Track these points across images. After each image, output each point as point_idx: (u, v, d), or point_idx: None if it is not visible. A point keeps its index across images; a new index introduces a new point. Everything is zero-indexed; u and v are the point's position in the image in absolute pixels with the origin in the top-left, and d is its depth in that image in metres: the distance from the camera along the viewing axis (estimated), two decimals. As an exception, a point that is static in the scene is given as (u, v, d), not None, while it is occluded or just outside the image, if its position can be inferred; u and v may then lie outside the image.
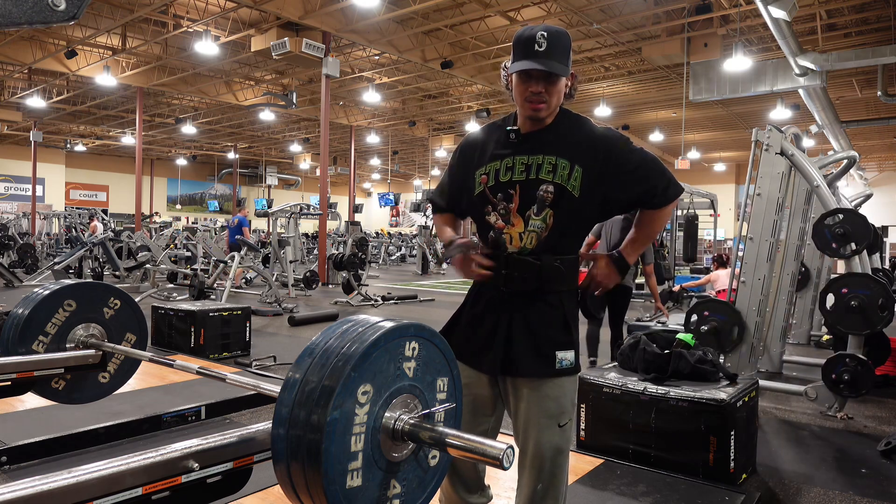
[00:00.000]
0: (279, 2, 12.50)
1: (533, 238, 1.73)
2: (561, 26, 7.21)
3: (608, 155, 1.72)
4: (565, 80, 1.73)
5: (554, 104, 1.73)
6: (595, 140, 1.74)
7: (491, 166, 1.77)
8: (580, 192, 1.70)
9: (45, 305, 2.22)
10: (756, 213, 4.48)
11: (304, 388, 1.20)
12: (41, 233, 21.86)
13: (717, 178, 29.39)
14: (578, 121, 1.80)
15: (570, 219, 1.73)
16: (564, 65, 1.69)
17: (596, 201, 1.74)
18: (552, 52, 1.66)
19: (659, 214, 1.81)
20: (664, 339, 3.58)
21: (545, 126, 1.76)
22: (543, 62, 1.65)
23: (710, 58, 13.74)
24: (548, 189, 1.71)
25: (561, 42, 1.69)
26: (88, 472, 1.16)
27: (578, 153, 1.71)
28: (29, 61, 16.10)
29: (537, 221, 1.73)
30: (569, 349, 1.75)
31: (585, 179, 1.70)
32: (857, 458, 3.49)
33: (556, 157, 1.71)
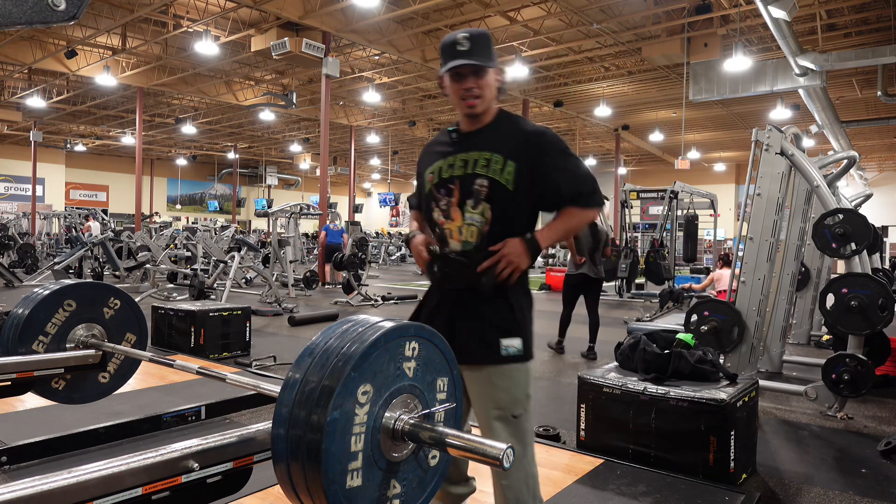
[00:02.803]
0: (279, 2, 12.50)
1: (473, 232, 1.80)
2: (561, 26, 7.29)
3: (540, 152, 1.80)
4: (494, 74, 1.83)
5: (488, 98, 1.82)
6: (528, 136, 1.82)
7: (436, 165, 1.88)
8: (514, 185, 1.77)
9: (45, 305, 2.22)
10: (756, 213, 4.48)
11: (304, 388, 1.20)
12: (41, 233, 21.86)
13: (717, 178, 29.39)
14: (514, 120, 1.89)
15: (506, 212, 1.80)
16: (488, 59, 1.80)
17: (531, 196, 1.81)
18: (475, 50, 1.78)
19: (581, 213, 1.85)
20: (664, 339, 3.58)
21: (484, 125, 1.86)
22: (468, 58, 1.78)
23: (710, 58, 13.75)
24: (482, 183, 1.79)
25: (482, 41, 1.81)
26: (88, 472, 1.16)
27: (512, 149, 1.79)
28: (29, 61, 16.10)
29: (475, 215, 1.80)
30: (514, 336, 1.81)
31: (518, 174, 1.77)
32: (857, 458, 3.49)
33: (491, 153, 1.80)
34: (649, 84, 18.13)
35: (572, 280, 6.22)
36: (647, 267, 11.53)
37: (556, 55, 15.94)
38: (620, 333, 6.73)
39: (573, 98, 19.91)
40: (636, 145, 26.24)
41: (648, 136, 24.27)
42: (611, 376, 3.27)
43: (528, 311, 1.90)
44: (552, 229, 1.84)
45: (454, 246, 1.84)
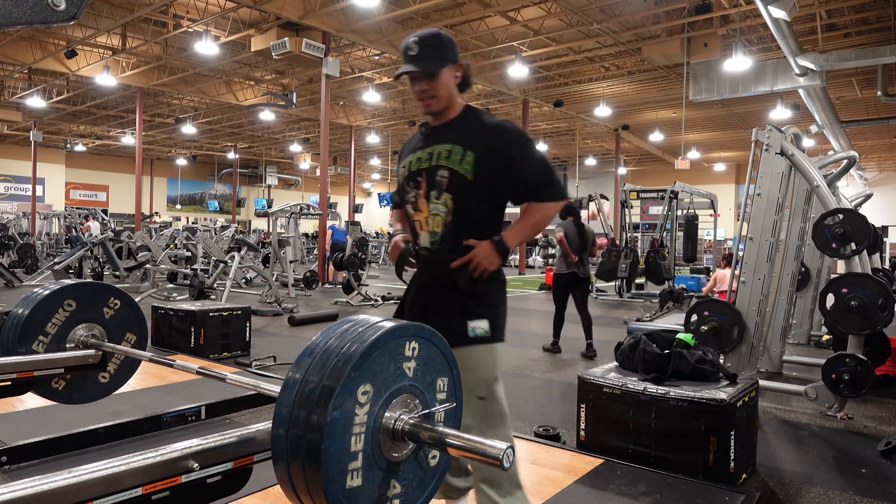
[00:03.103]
0: (279, 2, 12.50)
1: (439, 222, 1.88)
2: (561, 26, 7.28)
3: (498, 143, 1.85)
4: (450, 72, 1.89)
5: (443, 96, 1.90)
6: (487, 128, 1.88)
7: (407, 160, 1.97)
8: (473, 175, 1.83)
9: (45, 305, 2.21)
10: (756, 213, 4.48)
11: (304, 388, 1.20)
12: (41, 233, 21.86)
13: (717, 178, 29.39)
14: (478, 114, 1.95)
15: (468, 202, 1.85)
16: (438, 60, 1.87)
17: (492, 187, 1.86)
18: (423, 53, 1.86)
19: (543, 208, 1.89)
20: (664, 339, 3.58)
21: (449, 120, 1.94)
22: (415, 63, 1.86)
23: (710, 58, 13.75)
24: (443, 174, 1.86)
25: (432, 43, 1.87)
26: (88, 472, 1.16)
27: (471, 140, 1.86)
28: (29, 61, 16.10)
29: (439, 205, 1.87)
30: (481, 318, 1.85)
31: (478, 164, 1.83)
32: (857, 458, 3.49)
33: (453, 145, 1.87)
34: (649, 84, 18.13)
35: (563, 279, 6.30)
36: (647, 267, 11.53)
37: (556, 55, 15.94)
38: (620, 333, 6.73)
39: (573, 98, 19.90)
40: (636, 145, 26.23)
41: (648, 136, 24.27)
42: (611, 376, 3.27)
43: (499, 295, 1.93)
44: (517, 229, 1.88)
45: (423, 238, 1.92)
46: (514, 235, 1.87)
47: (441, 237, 1.88)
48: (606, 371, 3.39)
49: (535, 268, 22.29)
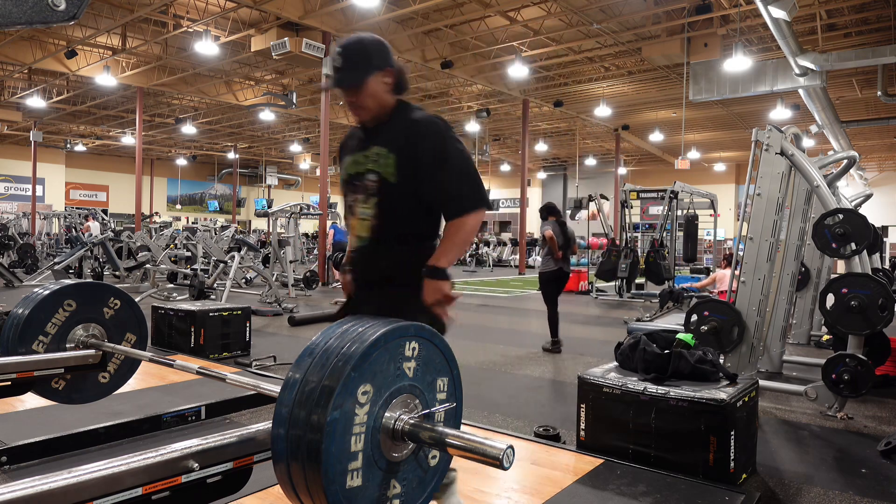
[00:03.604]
0: (279, 2, 12.50)
1: (366, 227, 1.84)
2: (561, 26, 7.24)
3: (419, 144, 1.78)
4: (377, 80, 1.82)
5: (373, 106, 1.84)
6: (410, 127, 1.80)
7: (345, 163, 1.93)
8: (396, 178, 1.78)
9: (45, 305, 2.22)
10: (756, 213, 4.48)
11: (304, 388, 1.20)
12: (41, 233, 21.85)
13: (717, 178, 29.38)
14: (408, 112, 1.87)
15: (391, 206, 1.80)
16: (361, 72, 1.80)
17: (417, 189, 1.79)
18: (346, 65, 1.82)
19: (465, 223, 1.77)
20: (664, 339, 3.57)
21: (381, 122, 1.88)
22: (336, 79, 1.83)
23: (710, 58, 13.75)
24: (371, 178, 1.82)
25: (356, 53, 1.82)
26: (88, 472, 1.16)
27: (395, 141, 1.80)
28: (29, 61, 16.09)
29: (366, 209, 1.83)
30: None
31: (399, 166, 1.77)
32: (857, 458, 3.49)
33: (380, 147, 1.82)
34: (649, 84, 18.13)
35: (552, 276, 6.45)
36: (647, 267, 11.53)
37: (556, 55, 15.94)
38: (620, 333, 6.73)
39: (573, 98, 19.90)
40: (636, 145, 26.23)
41: (648, 136, 24.26)
42: (611, 376, 3.27)
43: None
44: (444, 249, 1.78)
45: (355, 241, 1.90)
46: (442, 256, 1.77)
47: (368, 240, 1.84)
48: (606, 371, 3.39)
49: (535, 268, 22.30)
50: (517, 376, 5.37)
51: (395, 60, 1.89)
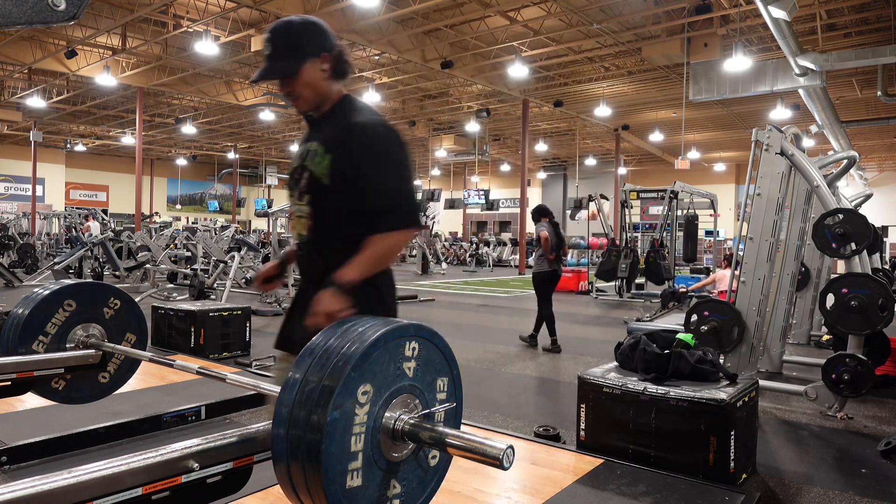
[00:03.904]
0: (279, 2, 12.50)
1: (303, 224, 1.76)
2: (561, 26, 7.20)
3: (355, 148, 1.66)
4: (313, 66, 1.69)
5: (311, 96, 1.72)
6: (348, 129, 1.69)
7: (294, 156, 1.84)
8: (329, 179, 1.68)
9: (45, 305, 2.21)
10: (756, 213, 4.48)
11: (304, 388, 1.20)
12: (41, 233, 21.85)
13: (717, 178, 29.38)
14: (352, 111, 1.73)
15: (323, 207, 1.71)
16: (294, 60, 1.68)
17: (351, 193, 1.67)
18: (276, 53, 1.70)
19: (386, 239, 1.64)
20: (664, 339, 3.58)
21: (323, 114, 1.77)
22: (265, 69, 1.71)
23: (710, 58, 13.75)
24: (306, 175, 1.73)
25: (285, 39, 1.70)
26: (88, 472, 1.16)
27: (334, 140, 1.70)
28: (29, 61, 16.10)
29: (303, 207, 1.75)
30: None
31: (333, 168, 1.67)
32: (857, 458, 3.49)
33: (318, 144, 1.72)
34: (649, 84, 18.13)
35: (547, 276, 6.58)
36: (647, 267, 11.53)
37: (556, 55, 15.94)
38: (620, 333, 6.73)
39: (573, 98, 19.90)
40: (636, 145, 26.23)
41: (648, 136, 24.26)
42: (611, 376, 3.27)
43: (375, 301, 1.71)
44: (356, 263, 1.62)
45: (295, 237, 1.83)
46: (351, 271, 1.61)
47: (307, 239, 1.76)
48: (606, 371, 3.39)
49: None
50: (517, 376, 5.37)
51: (332, 43, 1.74)
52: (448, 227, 36.31)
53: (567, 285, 13.85)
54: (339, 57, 1.74)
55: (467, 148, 25.07)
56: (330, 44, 1.73)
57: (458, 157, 26.24)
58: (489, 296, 12.75)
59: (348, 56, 1.77)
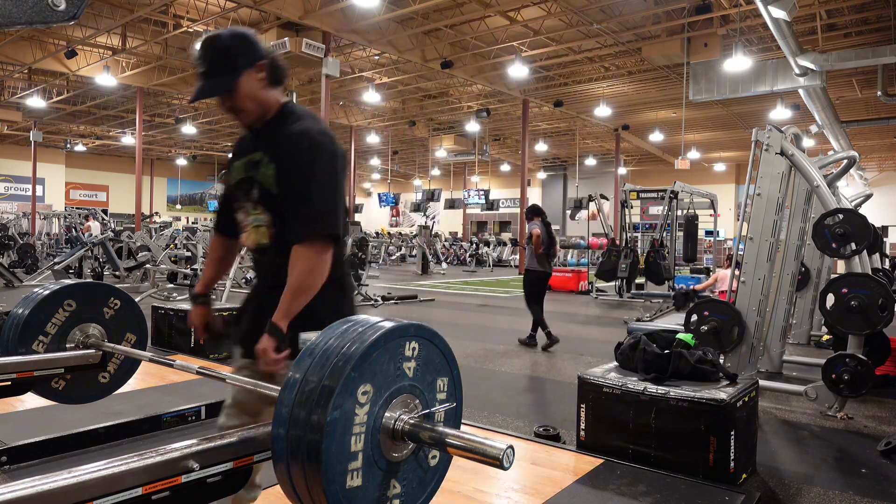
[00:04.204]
0: (279, 2, 12.50)
1: (263, 233, 1.76)
2: (561, 26, 7.20)
3: (291, 156, 1.66)
4: (249, 78, 1.68)
5: (253, 107, 1.71)
6: (287, 138, 1.69)
7: (235, 166, 1.82)
8: (277, 189, 1.69)
9: (45, 305, 2.21)
10: (756, 213, 4.48)
11: (304, 388, 1.20)
12: (41, 233, 21.86)
13: (717, 178, 29.39)
14: (289, 117, 1.75)
15: (279, 215, 1.71)
16: (229, 74, 1.66)
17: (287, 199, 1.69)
18: (212, 69, 1.67)
19: (303, 253, 1.62)
20: (664, 339, 3.57)
21: (265, 123, 1.76)
22: (201, 88, 1.68)
23: (710, 58, 13.75)
24: (253, 186, 1.74)
25: (218, 54, 1.66)
26: (88, 472, 1.15)
27: (276, 149, 1.70)
28: (29, 61, 16.10)
29: (260, 215, 1.75)
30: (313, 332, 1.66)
31: (279, 177, 1.68)
32: (857, 458, 3.49)
33: (262, 154, 1.73)
34: (649, 84, 18.13)
35: (540, 275, 6.71)
36: (647, 267, 11.54)
37: (556, 55, 15.94)
38: (620, 333, 6.73)
39: (573, 98, 19.90)
40: (636, 145, 26.24)
41: (648, 136, 24.27)
42: (611, 376, 3.27)
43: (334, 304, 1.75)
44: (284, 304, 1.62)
45: (251, 246, 1.82)
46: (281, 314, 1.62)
47: (268, 246, 1.76)
48: (606, 371, 3.39)
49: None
50: (518, 376, 5.37)
51: (264, 50, 1.72)
52: (448, 227, 36.32)
53: (567, 285, 13.85)
54: (274, 64, 1.72)
55: (467, 148, 25.08)
56: (262, 52, 1.70)
57: (458, 157, 26.25)
58: (489, 296, 12.76)
59: (281, 62, 1.76)
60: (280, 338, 1.61)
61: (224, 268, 2.05)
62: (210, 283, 2.03)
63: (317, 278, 1.64)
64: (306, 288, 1.63)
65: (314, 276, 1.63)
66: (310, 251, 1.62)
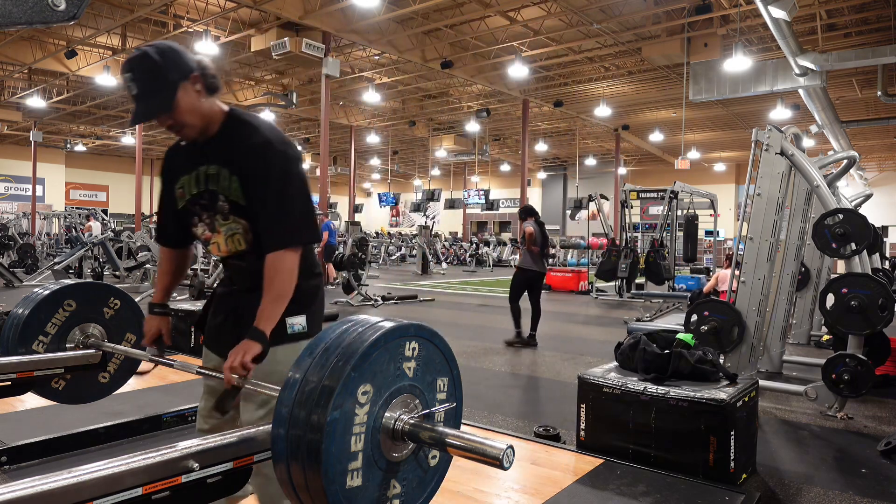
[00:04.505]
0: (279, 2, 12.50)
1: (239, 240, 1.75)
2: (561, 26, 7.20)
3: (258, 167, 1.66)
4: (186, 92, 1.62)
5: (194, 120, 1.67)
6: (250, 150, 1.67)
7: (183, 180, 1.78)
8: (246, 200, 1.68)
9: (45, 305, 2.21)
10: (756, 213, 4.48)
11: (304, 387, 1.20)
12: (41, 233, 21.87)
13: (717, 178, 29.39)
14: (240, 127, 1.72)
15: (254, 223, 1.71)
16: (165, 92, 1.60)
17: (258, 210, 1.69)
18: (144, 91, 1.60)
19: (276, 263, 1.63)
20: (664, 339, 3.57)
21: (211, 136, 1.72)
22: (138, 112, 1.62)
23: (710, 58, 13.75)
24: (221, 198, 1.72)
25: (149, 74, 1.59)
26: (88, 472, 1.15)
27: (234, 162, 1.68)
28: (29, 61, 16.10)
29: (232, 225, 1.74)
30: (299, 315, 1.76)
31: (245, 189, 1.67)
32: (857, 458, 3.49)
33: (219, 167, 1.70)
34: (649, 84, 18.13)
35: (530, 275, 6.71)
36: (647, 267, 11.54)
37: (556, 55, 15.94)
38: (620, 333, 6.73)
39: (573, 98, 19.91)
40: (636, 145, 26.24)
41: (648, 136, 24.27)
42: (611, 376, 3.27)
43: (314, 291, 1.83)
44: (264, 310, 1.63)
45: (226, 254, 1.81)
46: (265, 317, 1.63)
47: (246, 252, 1.76)
48: (606, 371, 3.39)
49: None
50: (517, 376, 5.37)
51: (194, 61, 1.66)
52: (448, 227, 36.32)
53: (567, 285, 13.85)
54: (207, 73, 1.67)
55: (467, 148, 25.08)
56: (192, 63, 1.65)
57: (458, 157, 26.26)
58: (489, 296, 12.75)
59: (213, 69, 1.71)
60: (266, 345, 1.62)
61: (178, 277, 2.01)
62: (167, 293, 1.99)
63: (294, 282, 1.67)
64: (288, 292, 1.66)
65: (293, 280, 1.67)
66: (289, 257, 1.65)
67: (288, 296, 1.66)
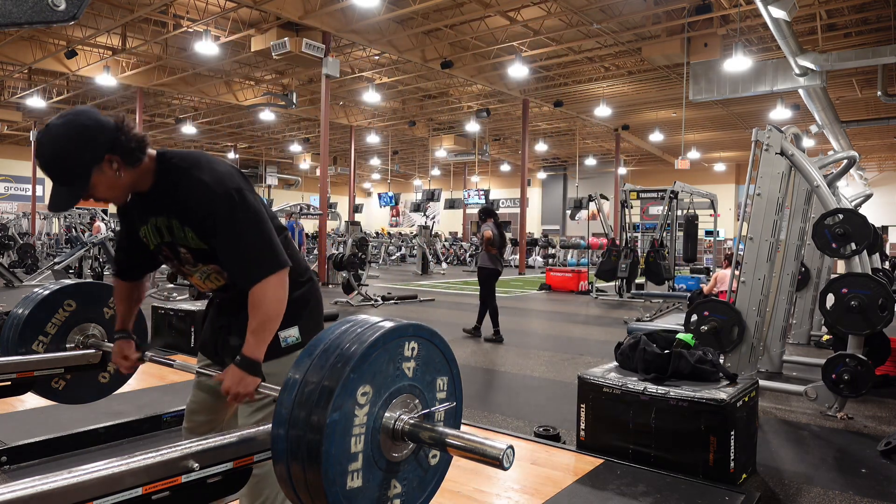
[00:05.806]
0: (279, 2, 12.50)
1: (217, 278, 1.77)
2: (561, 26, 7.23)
3: (201, 216, 1.61)
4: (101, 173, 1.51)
5: (117, 193, 1.60)
6: (187, 199, 1.61)
7: (144, 230, 1.75)
8: (207, 244, 1.66)
9: (45, 305, 2.21)
10: (756, 213, 4.48)
11: (303, 388, 1.20)
12: (41, 233, 21.87)
13: (717, 178, 29.39)
14: (175, 177, 1.63)
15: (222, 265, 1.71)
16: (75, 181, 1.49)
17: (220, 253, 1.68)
18: (54, 177, 1.49)
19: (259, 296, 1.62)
20: (664, 339, 3.58)
21: (148, 188, 1.65)
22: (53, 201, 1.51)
23: (710, 58, 13.75)
24: (182, 249, 1.71)
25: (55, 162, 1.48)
26: (88, 472, 1.15)
27: (179, 213, 1.65)
28: (29, 61, 16.09)
29: (205, 268, 1.75)
30: (291, 327, 1.76)
31: (202, 236, 1.65)
32: (857, 458, 3.49)
33: (168, 219, 1.67)
34: (649, 84, 18.13)
35: (493, 273, 7.09)
36: (647, 267, 11.54)
37: (556, 55, 15.94)
38: (620, 333, 6.73)
39: (573, 98, 19.90)
40: (636, 145, 26.23)
41: (648, 136, 24.27)
42: (611, 376, 3.27)
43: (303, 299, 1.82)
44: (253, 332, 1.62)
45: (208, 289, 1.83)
46: (255, 343, 1.61)
47: (227, 286, 1.77)
48: (606, 371, 3.39)
49: (536, 268, 22.30)
50: (517, 376, 5.37)
51: (108, 133, 1.50)
52: (448, 227, 36.31)
53: (567, 285, 13.86)
54: (124, 146, 1.52)
55: (467, 148, 25.08)
56: (106, 138, 1.49)
57: (458, 157, 26.25)
58: (489, 296, 12.74)
59: (131, 132, 1.55)
60: (261, 376, 1.61)
61: (136, 304, 1.99)
62: (126, 320, 1.96)
63: (282, 304, 1.65)
64: (276, 316, 1.64)
65: (280, 303, 1.64)
66: (267, 287, 1.61)
67: (278, 318, 1.64)
